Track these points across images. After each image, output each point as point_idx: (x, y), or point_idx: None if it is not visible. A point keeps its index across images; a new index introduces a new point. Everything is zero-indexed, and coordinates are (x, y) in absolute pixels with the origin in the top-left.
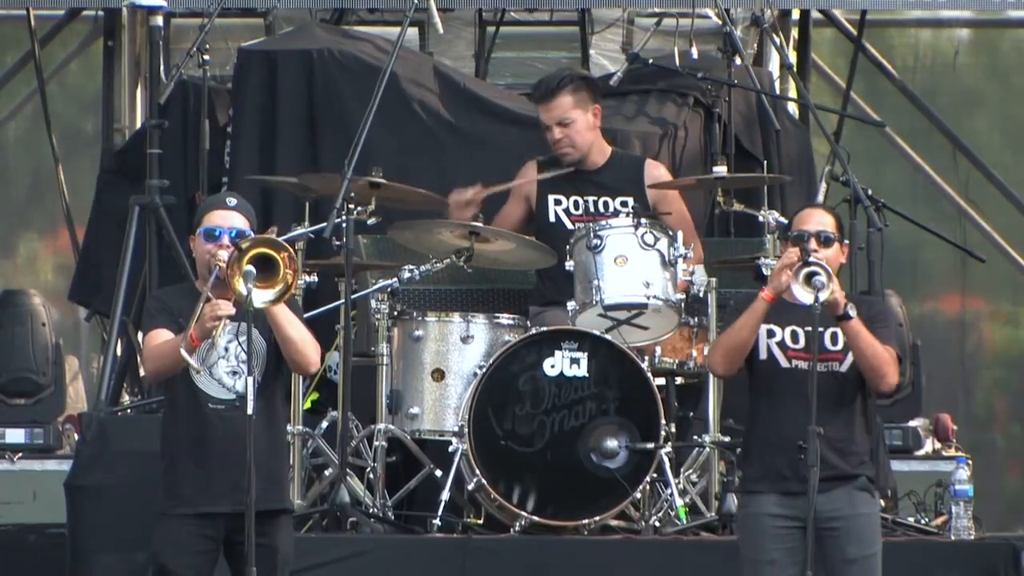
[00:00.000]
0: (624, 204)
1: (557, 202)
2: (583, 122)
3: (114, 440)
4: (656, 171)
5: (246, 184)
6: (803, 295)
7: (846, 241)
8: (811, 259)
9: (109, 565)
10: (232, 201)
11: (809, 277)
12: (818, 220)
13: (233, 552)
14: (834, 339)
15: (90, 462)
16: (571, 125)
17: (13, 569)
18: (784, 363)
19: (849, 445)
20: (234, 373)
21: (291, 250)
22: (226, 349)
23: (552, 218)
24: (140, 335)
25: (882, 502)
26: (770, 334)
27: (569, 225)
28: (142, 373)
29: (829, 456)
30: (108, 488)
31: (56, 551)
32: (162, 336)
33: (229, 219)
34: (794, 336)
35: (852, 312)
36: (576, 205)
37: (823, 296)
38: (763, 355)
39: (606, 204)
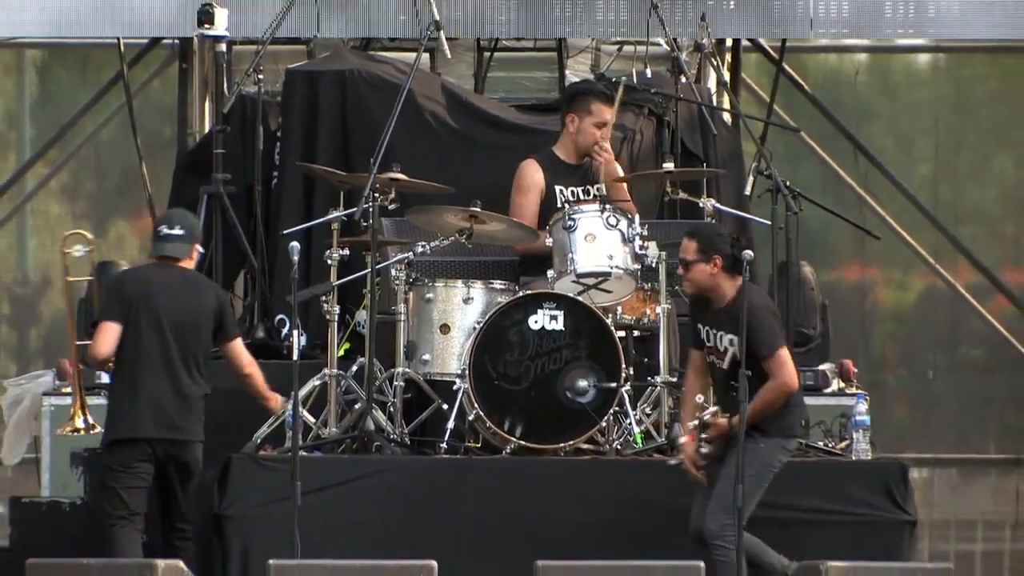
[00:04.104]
0: (600, 190)
1: (562, 191)
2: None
3: None
4: (619, 168)
5: (294, 174)
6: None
7: (716, 257)
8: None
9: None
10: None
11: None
12: (683, 247)
13: (159, 474)
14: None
15: None
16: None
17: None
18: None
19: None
20: None
21: None
22: None
23: (561, 204)
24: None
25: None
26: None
27: None
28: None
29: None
30: None
31: None
32: (112, 331)
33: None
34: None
35: (706, 450)
36: (573, 194)
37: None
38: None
39: (587, 191)
